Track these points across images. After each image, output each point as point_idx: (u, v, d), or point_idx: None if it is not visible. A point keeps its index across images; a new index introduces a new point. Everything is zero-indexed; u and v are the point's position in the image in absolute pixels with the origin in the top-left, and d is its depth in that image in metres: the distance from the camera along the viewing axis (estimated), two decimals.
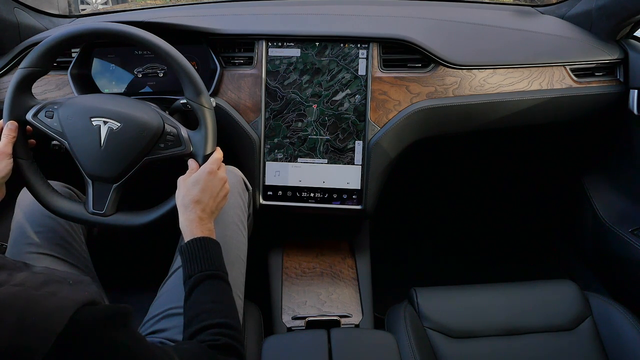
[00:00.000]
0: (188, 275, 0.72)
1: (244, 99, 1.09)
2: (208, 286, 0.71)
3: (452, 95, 1.09)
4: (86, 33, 0.82)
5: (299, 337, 0.85)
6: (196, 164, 0.82)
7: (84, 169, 0.83)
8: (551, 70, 1.13)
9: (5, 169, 0.79)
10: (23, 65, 0.83)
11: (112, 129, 0.81)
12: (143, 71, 1.11)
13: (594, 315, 0.93)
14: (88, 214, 0.85)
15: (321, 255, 1.23)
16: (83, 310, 0.42)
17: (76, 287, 0.45)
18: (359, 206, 1.11)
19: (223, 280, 0.73)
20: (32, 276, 0.43)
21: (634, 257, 1.11)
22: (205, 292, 0.70)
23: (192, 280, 0.71)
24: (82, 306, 0.43)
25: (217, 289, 0.71)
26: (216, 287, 0.71)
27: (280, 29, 1.09)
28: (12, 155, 0.81)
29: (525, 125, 1.18)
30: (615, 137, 1.26)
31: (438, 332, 0.90)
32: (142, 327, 0.80)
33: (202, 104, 0.83)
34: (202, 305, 0.68)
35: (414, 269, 1.59)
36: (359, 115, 1.09)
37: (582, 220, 1.35)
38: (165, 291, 0.83)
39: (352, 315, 1.07)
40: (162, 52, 0.82)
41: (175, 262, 0.87)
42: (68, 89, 1.10)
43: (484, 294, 0.97)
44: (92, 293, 0.45)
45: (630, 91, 1.15)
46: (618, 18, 1.12)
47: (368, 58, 1.08)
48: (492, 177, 1.78)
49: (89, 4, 4.98)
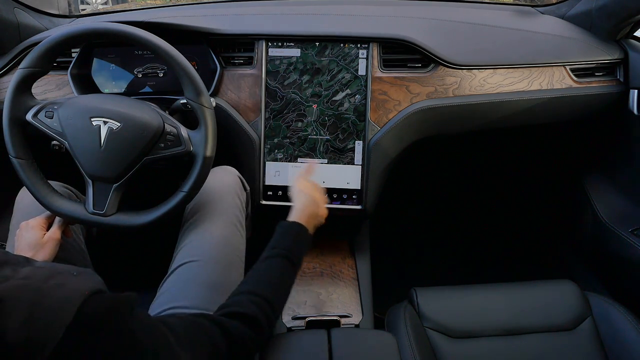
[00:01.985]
0: (273, 245, 0.76)
1: (244, 99, 1.09)
2: (280, 264, 0.74)
3: (452, 95, 1.09)
4: (86, 33, 0.82)
5: (299, 337, 0.85)
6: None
7: (84, 169, 0.83)
8: (551, 70, 1.13)
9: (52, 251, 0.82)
10: (23, 66, 0.82)
11: (112, 129, 0.81)
12: (143, 71, 1.11)
13: (594, 315, 0.93)
14: (88, 214, 0.85)
15: (321, 255, 1.23)
16: (90, 300, 0.43)
17: (80, 277, 0.45)
18: (359, 206, 1.11)
19: (295, 271, 0.76)
20: (36, 270, 0.44)
21: (634, 257, 1.11)
22: (271, 267, 0.73)
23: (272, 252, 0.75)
24: (89, 296, 0.43)
25: (285, 272, 0.74)
26: (285, 270, 0.74)
27: (280, 29, 1.09)
28: (59, 240, 0.83)
29: (525, 125, 1.18)
30: (615, 137, 1.26)
31: (438, 332, 0.90)
32: None
33: (202, 104, 0.83)
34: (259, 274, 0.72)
35: (414, 269, 1.59)
36: (359, 115, 1.09)
37: (582, 220, 1.35)
38: (165, 290, 0.83)
39: (352, 315, 1.07)
40: (162, 52, 0.82)
41: (174, 262, 0.87)
42: (68, 89, 1.10)
43: (484, 294, 0.97)
44: (97, 282, 0.46)
45: (630, 91, 1.15)
46: (618, 18, 1.12)
47: (368, 58, 1.08)
48: (492, 177, 1.78)
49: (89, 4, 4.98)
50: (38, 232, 0.82)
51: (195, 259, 0.85)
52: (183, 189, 0.84)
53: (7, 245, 0.90)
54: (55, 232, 0.83)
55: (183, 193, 0.83)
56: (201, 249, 0.87)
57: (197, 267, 0.84)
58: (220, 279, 0.84)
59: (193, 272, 0.84)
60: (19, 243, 0.82)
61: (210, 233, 0.88)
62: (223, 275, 0.85)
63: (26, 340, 0.38)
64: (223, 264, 0.86)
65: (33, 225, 0.83)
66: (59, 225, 0.85)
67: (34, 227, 0.82)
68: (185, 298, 0.80)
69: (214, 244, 0.87)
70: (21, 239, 0.82)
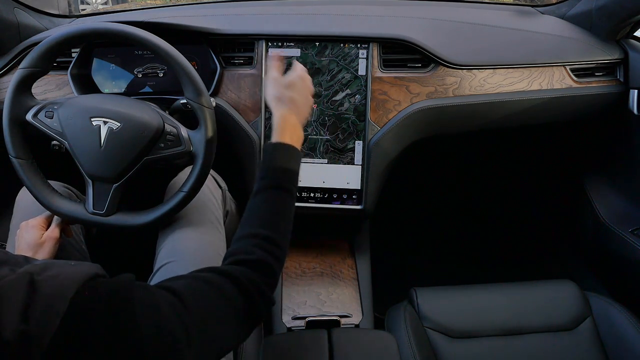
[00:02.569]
0: (261, 175, 0.70)
1: (244, 99, 1.09)
2: (275, 196, 0.69)
3: (452, 95, 1.09)
4: (86, 33, 0.82)
5: (299, 337, 0.85)
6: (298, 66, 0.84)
7: (84, 169, 0.83)
8: (551, 70, 1.13)
9: (52, 251, 0.82)
10: (23, 66, 0.82)
11: (112, 129, 0.81)
12: (143, 71, 1.11)
13: (594, 315, 0.93)
14: (88, 214, 0.85)
15: (321, 255, 1.23)
16: (86, 286, 0.42)
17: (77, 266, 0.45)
18: (359, 206, 1.11)
19: (292, 197, 0.71)
20: (33, 267, 0.43)
21: (634, 257, 1.11)
22: (264, 201, 0.68)
23: (262, 183, 0.69)
24: (85, 282, 0.42)
25: (281, 203, 0.69)
26: (282, 201, 0.69)
27: (280, 29, 1.09)
28: (59, 239, 0.83)
29: (525, 125, 1.18)
30: (615, 137, 1.26)
31: (438, 332, 0.90)
32: None
33: (202, 104, 0.83)
34: (253, 211, 0.67)
35: (414, 269, 1.59)
36: (359, 115, 1.09)
37: (582, 220, 1.35)
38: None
39: (352, 315, 1.07)
40: (162, 52, 0.82)
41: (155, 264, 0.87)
42: (68, 89, 1.10)
43: (484, 294, 0.97)
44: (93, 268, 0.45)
45: (630, 91, 1.15)
46: (618, 18, 1.12)
47: (368, 58, 1.08)
48: (492, 177, 1.78)
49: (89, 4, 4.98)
50: (37, 231, 0.82)
51: (174, 259, 0.85)
52: (183, 189, 0.84)
53: (8, 245, 0.90)
54: (54, 231, 0.83)
55: (183, 193, 0.83)
56: (179, 249, 0.86)
57: (177, 267, 0.84)
58: None
59: (173, 272, 0.83)
60: (19, 243, 0.82)
61: (186, 233, 0.88)
62: None
63: (22, 335, 0.38)
64: (201, 262, 0.85)
65: (33, 225, 0.83)
66: (57, 224, 0.85)
67: (33, 227, 0.82)
68: None
69: (191, 243, 0.87)
70: (21, 239, 0.82)
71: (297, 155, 0.75)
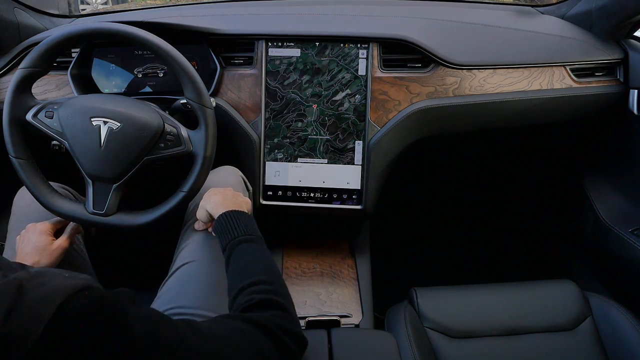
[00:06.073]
0: (222, 248, 0.74)
1: (244, 99, 1.09)
2: (241, 251, 0.72)
3: (452, 95, 1.09)
4: (86, 33, 0.82)
5: None
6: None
7: (84, 169, 0.83)
8: (551, 70, 1.13)
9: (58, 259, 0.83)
10: (23, 66, 0.82)
11: (112, 129, 0.81)
12: (143, 71, 1.11)
13: (594, 315, 0.93)
14: (88, 214, 0.85)
15: (321, 255, 1.23)
16: (75, 297, 0.42)
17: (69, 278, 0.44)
18: (359, 206, 1.11)
19: (256, 243, 0.73)
20: (26, 273, 0.43)
21: (634, 257, 1.11)
22: (239, 258, 0.71)
23: (226, 251, 0.72)
24: (75, 293, 0.42)
25: (250, 252, 0.72)
26: (249, 250, 0.72)
27: (280, 29, 1.09)
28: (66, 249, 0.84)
29: (525, 125, 1.18)
30: (615, 137, 1.26)
31: (438, 332, 0.90)
32: None
33: (202, 104, 0.83)
34: (236, 271, 0.69)
35: (414, 269, 1.59)
36: (359, 115, 1.09)
37: (583, 220, 1.35)
38: (166, 291, 0.83)
39: (352, 315, 1.07)
40: (162, 52, 0.82)
41: (175, 262, 0.87)
42: (68, 89, 1.10)
43: (484, 294, 0.97)
44: (86, 280, 0.45)
45: (630, 91, 1.15)
46: (618, 18, 1.12)
47: (368, 58, 1.08)
48: (492, 177, 1.78)
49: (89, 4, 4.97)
50: (47, 237, 0.82)
51: (196, 259, 0.85)
52: (183, 189, 0.84)
53: (6, 245, 0.90)
54: (65, 241, 0.84)
55: (183, 193, 0.83)
56: (202, 249, 0.86)
57: (198, 267, 0.84)
58: (221, 279, 0.83)
59: (194, 272, 0.83)
60: (25, 244, 0.81)
61: (210, 233, 0.88)
62: (224, 276, 0.85)
63: (3, 337, 0.37)
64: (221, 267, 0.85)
65: (42, 229, 0.83)
66: (69, 235, 0.85)
67: (43, 232, 0.82)
68: (186, 298, 0.80)
69: (215, 244, 0.87)
70: (27, 241, 0.82)
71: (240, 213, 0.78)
